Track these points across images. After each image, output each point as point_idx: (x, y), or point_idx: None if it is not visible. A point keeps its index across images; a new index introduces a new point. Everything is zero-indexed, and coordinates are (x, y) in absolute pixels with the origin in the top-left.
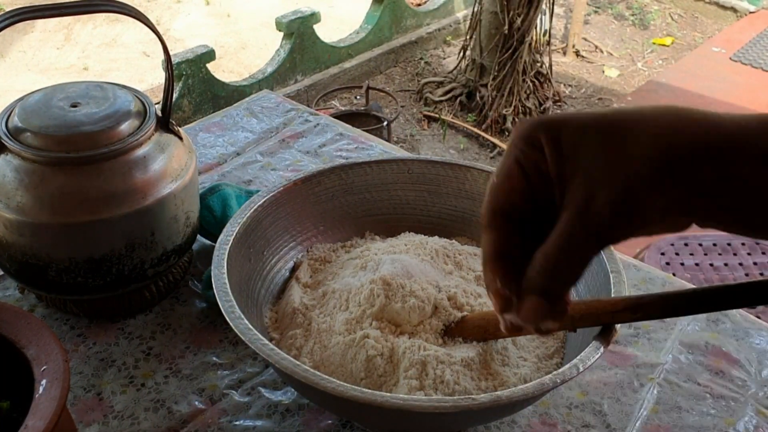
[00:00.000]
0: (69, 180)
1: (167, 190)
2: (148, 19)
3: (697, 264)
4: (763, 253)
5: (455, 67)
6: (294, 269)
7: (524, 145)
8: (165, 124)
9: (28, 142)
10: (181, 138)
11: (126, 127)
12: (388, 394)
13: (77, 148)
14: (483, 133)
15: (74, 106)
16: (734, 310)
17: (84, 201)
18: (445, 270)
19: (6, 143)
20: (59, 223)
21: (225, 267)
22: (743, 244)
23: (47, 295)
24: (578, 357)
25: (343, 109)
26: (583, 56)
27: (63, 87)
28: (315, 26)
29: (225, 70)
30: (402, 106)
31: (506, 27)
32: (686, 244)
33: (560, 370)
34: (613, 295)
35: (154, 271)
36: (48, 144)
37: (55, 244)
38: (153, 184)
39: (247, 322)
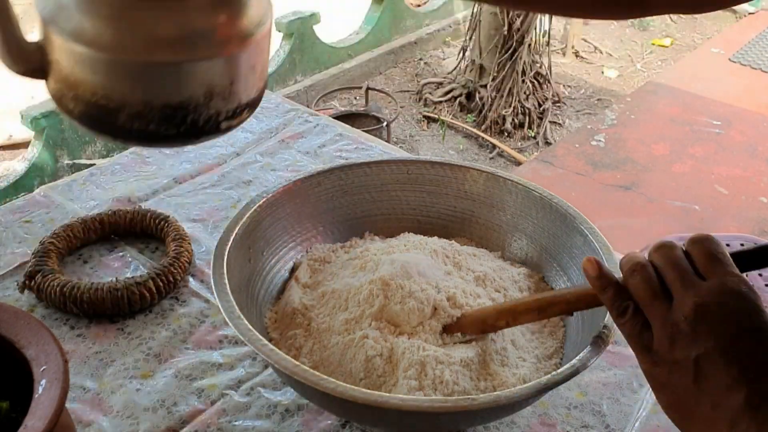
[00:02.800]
0: (153, 14)
1: (252, 36)
2: None
3: None
4: None
5: (455, 68)
6: (293, 269)
7: None
8: None
9: None
10: None
11: None
12: (388, 394)
13: None
14: (482, 134)
15: None
16: None
17: (167, 39)
18: (444, 270)
19: None
20: (139, 61)
21: (225, 267)
22: (742, 245)
23: (113, 140)
24: (577, 357)
25: (342, 109)
26: (582, 57)
27: None
28: (315, 27)
29: None
30: (401, 107)
31: (506, 28)
32: None
33: (559, 371)
34: None
35: (228, 125)
36: None
37: (131, 85)
38: (238, 29)
39: (246, 322)
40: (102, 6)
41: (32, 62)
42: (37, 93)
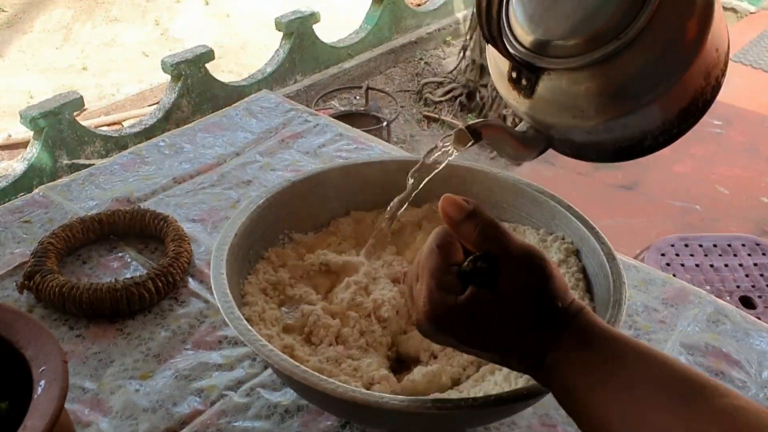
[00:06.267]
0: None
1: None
2: None
3: (697, 265)
4: (764, 254)
5: (455, 68)
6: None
7: None
8: None
9: (557, 53)
10: None
11: None
12: (388, 395)
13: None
14: None
15: None
16: (734, 311)
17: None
18: None
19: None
20: (647, 101)
21: (224, 267)
22: (743, 245)
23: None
24: None
25: (342, 109)
26: None
27: None
28: (314, 26)
29: (224, 70)
30: (402, 107)
31: None
32: (686, 245)
33: None
34: (612, 297)
35: (722, 80)
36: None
37: (647, 119)
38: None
39: (246, 322)
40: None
41: (540, 146)
42: (35, 93)
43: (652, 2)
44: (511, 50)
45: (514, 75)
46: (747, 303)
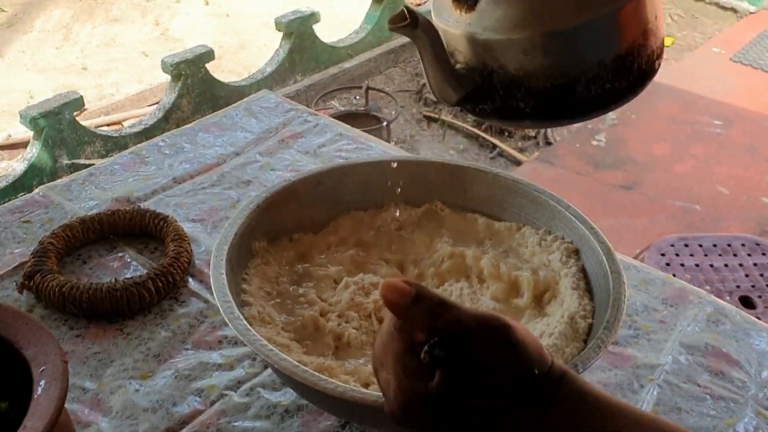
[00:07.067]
0: None
1: None
2: None
3: (697, 265)
4: (764, 254)
5: None
6: None
7: None
8: None
9: None
10: None
11: None
12: None
13: None
14: (483, 134)
15: None
16: (734, 311)
17: None
18: None
19: None
20: (586, 22)
21: (224, 267)
22: (743, 245)
23: (569, 121)
24: (577, 357)
25: (342, 109)
26: None
27: None
28: (314, 26)
29: (224, 70)
30: (402, 107)
31: None
32: (686, 245)
33: None
34: (611, 297)
35: (659, 63)
36: None
37: (584, 48)
38: None
39: (246, 322)
40: None
41: (468, 86)
42: (35, 93)
43: None
44: None
45: None
46: (747, 303)
